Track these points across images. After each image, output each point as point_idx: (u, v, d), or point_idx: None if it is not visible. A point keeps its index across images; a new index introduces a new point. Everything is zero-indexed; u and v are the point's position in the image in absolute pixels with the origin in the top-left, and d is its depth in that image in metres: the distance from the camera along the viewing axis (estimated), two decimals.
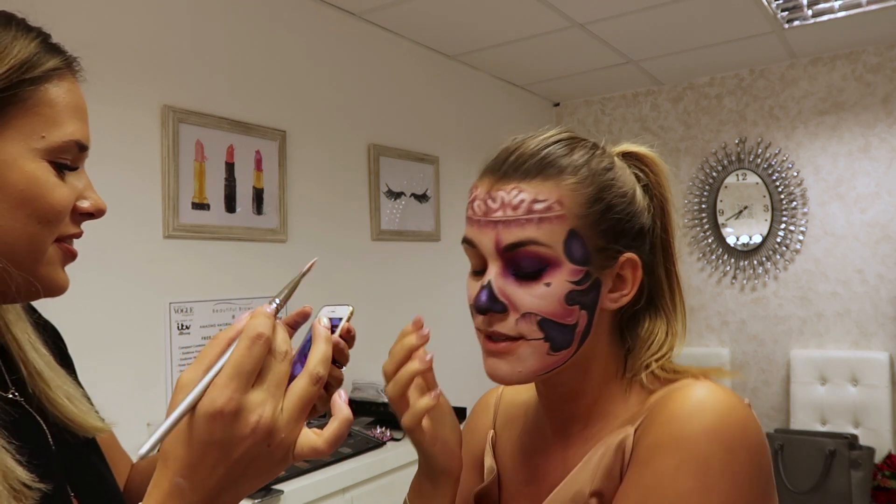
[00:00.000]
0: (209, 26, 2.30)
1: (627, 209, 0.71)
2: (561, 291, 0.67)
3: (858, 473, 2.96)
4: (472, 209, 0.71)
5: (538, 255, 0.66)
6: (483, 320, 0.70)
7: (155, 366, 2.08)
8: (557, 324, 0.67)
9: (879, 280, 3.40)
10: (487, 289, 0.68)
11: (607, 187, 0.70)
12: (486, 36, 3.16)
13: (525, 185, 0.68)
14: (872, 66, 3.44)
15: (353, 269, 2.82)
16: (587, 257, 0.68)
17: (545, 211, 0.67)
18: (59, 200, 0.62)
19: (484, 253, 0.69)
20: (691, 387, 0.66)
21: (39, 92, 0.61)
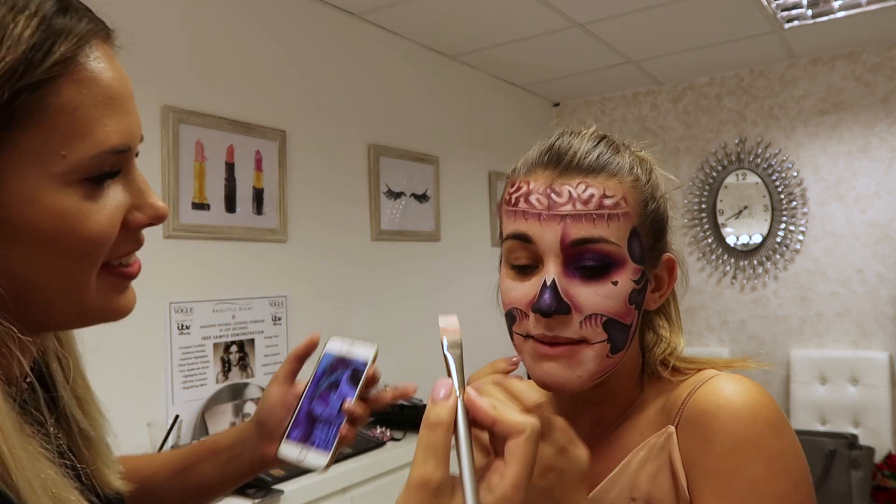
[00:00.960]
0: (209, 26, 2.30)
1: (665, 209, 0.72)
2: (626, 290, 0.65)
3: (858, 473, 2.96)
4: (529, 202, 0.67)
5: (606, 253, 0.64)
6: (543, 324, 0.65)
7: (155, 366, 2.08)
8: (620, 324, 0.66)
9: (879, 280, 3.40)
10: (552, 289, 0.63)
11: (656, 187, 0.71)
12: (486, 36, 3.16)
13: (591, 181, 0.66)
14: (872, 66, 3.44)
15: (353, 270, 2.82)
16: (643, 256, 0.67)
17: (614, 207, 0.65)
18: (97, 231, 0.49)
19: (541, 249, 0.65)
20: (722, 382, 0.66)
21: (47, 98, 0.45)
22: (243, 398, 2.30)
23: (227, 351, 2.30)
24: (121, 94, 0.50)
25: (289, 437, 0.71)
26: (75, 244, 0.48)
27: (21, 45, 0.43)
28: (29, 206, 0.45)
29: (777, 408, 0.64)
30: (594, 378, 0.67)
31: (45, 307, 0.49)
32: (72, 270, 0.49)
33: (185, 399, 2.15)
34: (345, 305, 2.76)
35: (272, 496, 1.81)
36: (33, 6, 0.45)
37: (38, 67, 0.44)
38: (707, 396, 0.65)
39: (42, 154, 0.45)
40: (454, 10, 2.84)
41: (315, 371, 0.74)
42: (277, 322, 2.47)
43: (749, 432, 0.62)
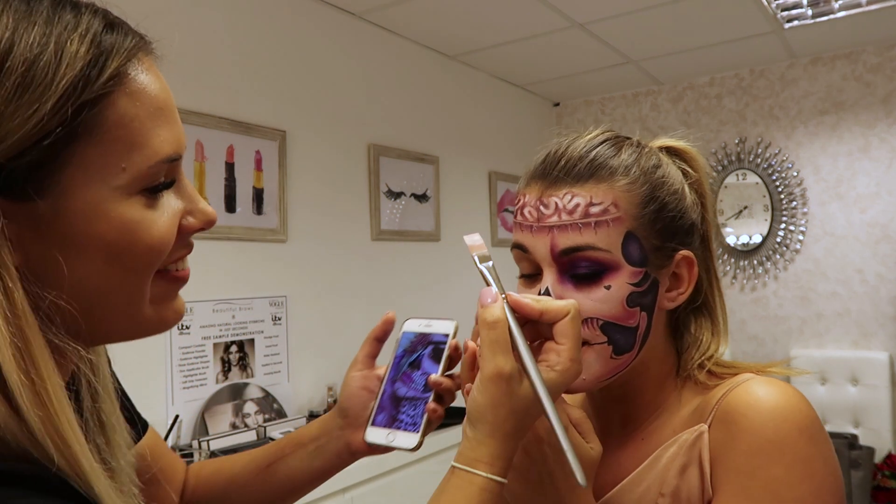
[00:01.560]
0: (209, 26, 2.30)
1: (679, 206, 0.70)
2: (622, 294, 0.66)
3: (858, 473, 2.96)
4: (523, 215, 0.70)
5: (596, 260, 0.66)
6: None
7: (155, 366, 2.08)
8: (620, 326, 0.66)
9: (879, 280, 3.40)
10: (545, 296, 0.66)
11: (659, 185, 0.69)
12: (486, 36, 3.16)
13: (578, 190, 0.67)
14: (872, 66, 3.44)
15: (353, 269, 2.82)
16: (645, 258, 0.67)
17: (602, 214, 0.66)
18: (159, 239, 0.50)
19: (537, 259, 0.68)
20: (756, 384, 0.65)
21: (105, 112, 0.46)
22: (243, 398, 2.30)
23: (227, 351, 2.30)
24: (168, 104, 0.52)
25: (374, 422, 0.70)
26: (140, 253, 0.49)
27: (78, 62, 0.45)
28: (96, 220, 0.47)
29: (812, 413, 0.63)
30: (601, 379, 0.68)
31: (107, 319, 0.51)
32: (133, 280, 0.50)
33: (185, 399, 2.15)
34: (345, 305, 2.76)
35: None
36: (84, 25, 0.47)
37: (95, 83, 0.46)
38: (740, 397, 0.65)
39: (103, 167, 0.47)
40: (454, 10, 2.84)
41: (395, 352, 0.74)
42: (277, 322, 2.47)
43: (776, 434, 0.61)
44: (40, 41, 0.44)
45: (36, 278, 0.46)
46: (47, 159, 0.44)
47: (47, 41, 0.44)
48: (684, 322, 0.75)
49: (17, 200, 0.44)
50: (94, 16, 0.48)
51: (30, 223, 0.45)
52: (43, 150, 0.44)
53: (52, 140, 0.44)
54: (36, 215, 0.45)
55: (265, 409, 2.34)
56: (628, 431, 0.74)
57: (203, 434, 2.11)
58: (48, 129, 0.43)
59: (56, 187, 0.45)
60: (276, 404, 2.38)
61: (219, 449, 1.97)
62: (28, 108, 0.43)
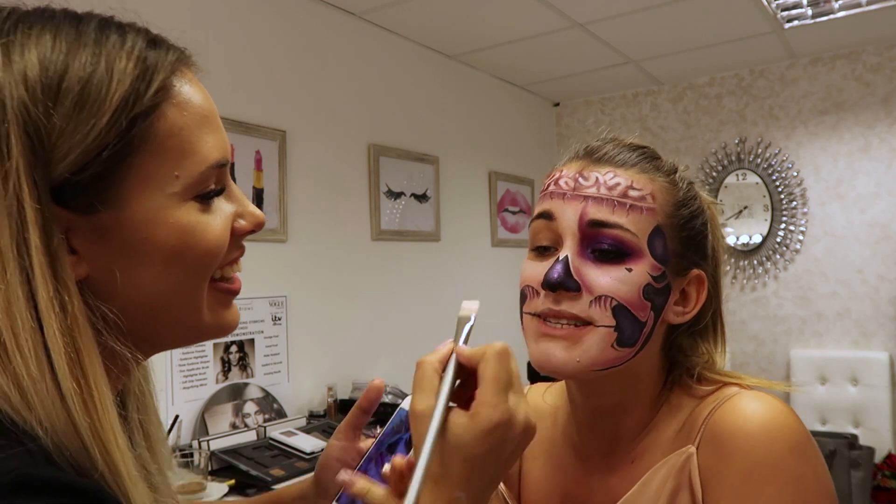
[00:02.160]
0: (209, 26, 2.30)
1: (704, 226, 0.71)
2: (641, 280, 0.64)
3: (858, 473, 2.96)
4: (558, 185, 0.69)
5: (622, 240, 0.64)
6: (549, 298, 0.65)
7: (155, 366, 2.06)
8: (631, 314, 0.64)
9: (879, 280, 3.40)
10: (563, 263, 0.64)
11: (693, 197, 0.71)
12: (486, 36, 3.16)
13: (622, 172, 0.67)
14: (872, 66, 3.44)
15: (353, 269, 2.82)
16: (667, 257, 0.67)
17: (639, 199, 0.66)
18: (215, 241, 0.53)
19: (562, 227, 0.66)
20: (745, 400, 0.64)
21: (156, 123, 0.49)
22: (243, 398, 2.30)
23: (227, 351, 2.30)
24: (212, 112, 0.54)
25: (338, 500, 0.67)
26: (198, 256, 0.52)
27: (127, 79, 0.48)
28: (155, 227, 0.49)
29: (801, 429, 0.62)
30: (595, 367, 0.65)
31: (168, 325, 0.54)
32: (192, 284, 0.53)
33: (185, 399, 2.14)
34: (345, 305, 2.76)
35: None
36: (129, 43, 0.50)
37: (145, 96, 0.48)
38: (727, 416, 0.64)
39: (159, 176, 0.49)
40: (454, 10, 2.84)
41: (384, 429, 0.70)
42: (277, 322, 2.47)
43: (767, 455, 0.60)
44: (91, 61, 0.47)
45: (98, 288, 0.48)
46: (107, 171, 0.47)
47: (98, 61, 0.47)
48: (680, 343, 0.73)
49: (82, 213, 0.47)
50: (138, 34, 0.52)
51: (93, 234, 0.48)
52: (103, 162, 0.46)
53: (111, 152, 0.46)
54: (99, 226, 0.48)
55: (265, 409, 2.34)
56: (617, 451, 0.72)
57: (203, 434, 2.11)
58: (106, 142, 0.46)
59: (117, 198, 0.48)
60: (276, 404, 2.38)
61: (219, 449, 1.97)
62: (87, 124, 0.46)
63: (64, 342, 0.44)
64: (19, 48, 0.46)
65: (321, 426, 2.32)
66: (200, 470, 1.77)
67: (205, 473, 1.79)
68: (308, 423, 2.33)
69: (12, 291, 0.43)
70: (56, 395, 0.43)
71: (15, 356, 0.43)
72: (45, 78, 0.45)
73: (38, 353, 0.43)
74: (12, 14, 0.48)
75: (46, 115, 0.45)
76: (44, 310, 0.44)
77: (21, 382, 0.43)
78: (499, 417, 0.51)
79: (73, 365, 0.44)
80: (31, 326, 0.43)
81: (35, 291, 0.44)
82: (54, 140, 0.45)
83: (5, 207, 0.44)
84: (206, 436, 2.06)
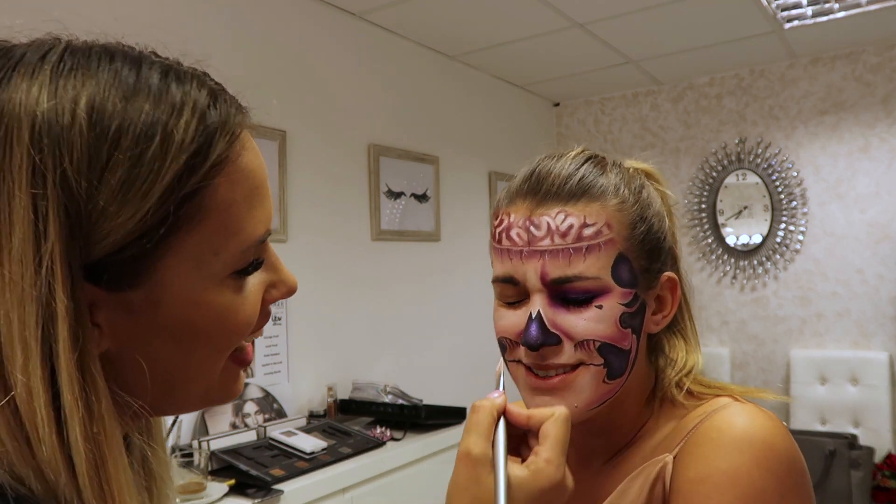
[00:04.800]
0: (208, 26, 2.30)
1: (662, 227, 0.69)
2: (614, 314, 0.63)
3: (858, 473, 2.96)
4: (510, 238, 0.66)
5: (584, 289, 0.63)
6: (534, 355, 0.65)
7: None
8: (616, 348, 0.64)
9: (879, 280, 3.40)
10: (538, 322, 0.63)
11: (647, 206, 0.68)
12: (486, 36, 3.16)
13: (571, 209, 0.64)
14: (872, 66, 3.44)
15: (353, 269, 2.82)
16: (634, 279, 0.65)
17: (594, 237, 0.63)
18: (246, 320, 0.49)
19: (527, 286, 0.65)
20: (731, 412, 0.63)
21: (204, 200, 0.45)
22: (243, 398, 2.30)
23: None
24: (264, 179, 0.50)
25: None
26: (226, 336, 0.48)
27: (184, 154, 0.43)
28: (189, 308, 0.46)
29: (783, 446, 0.60)
30: (591, 407, 0.65)
31: (180, 393, 0.50)
32: (213, 360, 0.49)
33: None
34: (345, 305, 2.76)
35: (272, 496, 1.81)
36: (190, 102, 0.46)
37: (198, 172, 0.44)
38: (710, 426, 0.62)
39: (198, 255, 0.45)
40: (454, 10, 2.84)
41: None
42: (277, 322, 2.47)
43: (730, 463, 0.58)
44: (146, 132, 0.43)
45: (114, 359, 0.45)
46: (144, 253, 0.43)
47: (154, 130, 0.43)
48: (659, 344, 0.73)
49: (112, 290, 0.44)
50: (200, 89, 0.48)
51: (120, 310, 0.45)
52: (141, 245, 0.43)
53: (152, 236, 0.43)
54: (127, 303, 0.44)
55: (265, 409, 2.34)
56: (608, 459, 0.71)
57: (203, 434, 2.11)
58: (150, 225, 0.42)
59: (149, 278, 0.44)
60: (276, 404, 2.38)
61: (219, 449, 1.97)
62: (132, 207, 0.42)
63: (86, 448, 0.41)
64: (68, 106, 0.41)
65: (321, 426, 2.32)
66: (200, 470, 1.77)
67: (205, 473, 1.79)
68: (308, 423, 2.33)
69: (34, 385, 0.40)
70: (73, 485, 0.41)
71: (39, 450, 0.40)
72: (92, 149, 0.41)
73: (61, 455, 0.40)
74: (62, 56, 0.44)
75: (89, 194, 0.41)
76: (68, 409, 0.41)
77: (45, 474, 0.40)
78: (560, 478, 0.54)
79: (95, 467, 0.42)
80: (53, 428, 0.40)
81: (60, 392, 0.41)
82: (94, 221, 0.41)
83: (35, 294, 0.40)
84: (206, 436, 2.06)
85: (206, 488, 1.77)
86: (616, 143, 4.17)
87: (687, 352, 0.72)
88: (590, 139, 4.27)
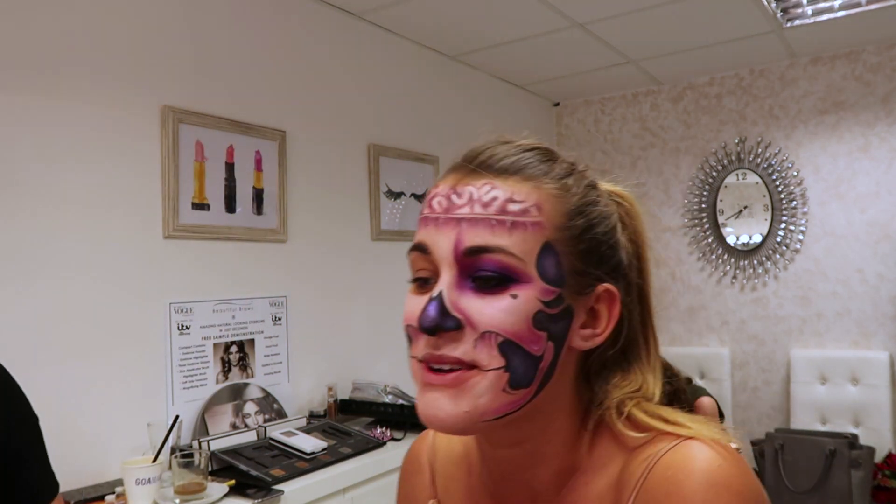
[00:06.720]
0: (209, 26, 2.30)
1: (609, 234, 0.61)
2: (529, 308, 0.54)
3: (859, 473, 2.96)
4: (430, 206, 0.59)
5: (505, 266, 0.54)
6: (429, 342, 0.56)
7: (155, 366, 2.08)
8: (522, 349, 0.54)
9: (879, 280, 3.40)
10: (437, 301, 0.54)
11: (591, 203, 0.60)
12: (486, 36, 3.16)
13: (500, 183, 0.57)
14: (872, 66, 3.44)
15: (353, 269, 2.82)
16: (561, 278, 0.56)
17: (521, 214, 0.55)
18: None
19: (437, 258, 0.57)
20: (684, 456, 0.54)
21: None
22: (243, 398, 2.30)
23: (227, 351, 2.30)
24: None
25: None
26: None
27: None
28: None
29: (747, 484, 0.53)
30: (487, 417, 0.54)
31: None
32: None
33: (185, 399, 2.14)
34: (345, 305, 2.76)
35: (272, 496, 1.81)
36: None
37: None
38: (664, 471, 0.54)
39: None
40: (454, 10, 2.84)
41: None
42: (277, 322, 2.47)
43: None
44: None
45: None
46: None
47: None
48: (599, 371, 0.63)
49: None
50: None
51: None
52: None
53: None
54: None
55: (265, 410, 2.34)
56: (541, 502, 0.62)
57: (203, 434, 2.11)
58: None
59: None
60: (276, 404, 2.38)
61: (219, 449, 1.97)
62: None
63: None
64: None
65: (321, 426, 2.32)
66: (200, 470, 1.77)
67: (205, 474, 1.79)
68: (308, 424, 2.33)
69: None
70: None
71: None
72: None
73: None
74: None
75: None
76: None
77: None
78: None
79: None
80: None
81: None
82: None
83: None
84: (207, 436, 2.06)
85: (206, 488, 1.77)
86: (616, 143, 4.17)
87: (643, 379, 0.63)
88: (590, 139, 4.27)
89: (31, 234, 1.81)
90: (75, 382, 1.87)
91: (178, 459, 1.75)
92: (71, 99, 1.90)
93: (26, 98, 1.81)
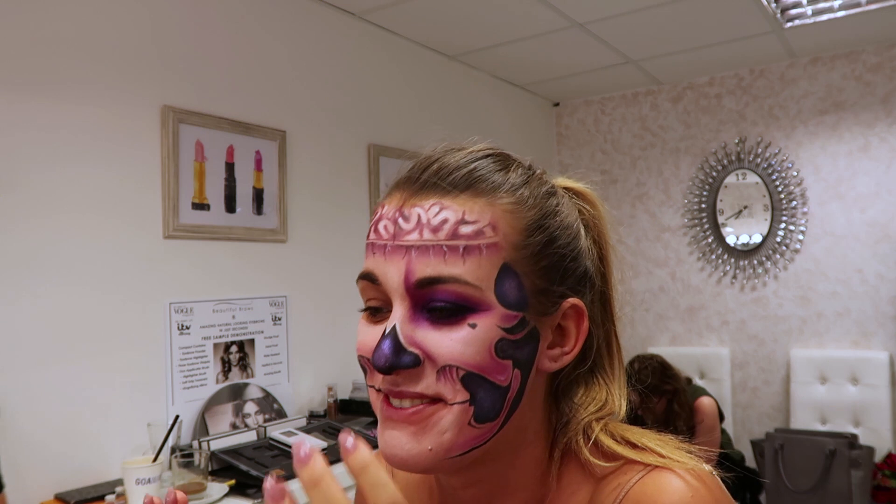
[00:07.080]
0: (209, 26, 2.30)
1: (572, 244, 0.56)
2: (490, 337, 0.50)
3: (858, 473, 2.96)
4: (377, 232, 0.54)
5: (460, 295, 0.50)
6: (389, 379, 0.51)
7: (155, 366, 2.08)
8: (487, 381, 0.50)
9: (879, 280, 3.40)
10: (391, 338, 0.50)
11: (550, 214, 0.55)
12: (486, 36, 3.16)
13: (449, 202, 0.52)
14: (872, 66, 3.44)
15: (353, 270, 2.81)
16: (524, 300, 0.52)
17: (474, 236, 0.51)
18: None
19: (387, 289, 0.52)
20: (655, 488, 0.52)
21: None
22: (243, 398, 2.31)
23: (228, 351, 2.30)
24: None
25: None
26: None
27: None
28: None
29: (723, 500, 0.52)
30: (452, 453, 0.51)
31: None
32: None
33: (186, 399, 2.15)
34: (345, 305, 2.76)
35: None
36: None
37: None
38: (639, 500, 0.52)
39: None
40: (454, 10, 2.84)
41: None
42: (277, 322, 2.47)
43: None
44: None
45: None
46: None
47: None
48: (572, 387, 0.60)
49: None
50: None
51: None
52: None
53: None
54: None
55: (265, 410, 2.34)
56: None
57: (203, 434, 2.11)
58: None
59: None
60: (276, 404, 2.38)
61: (219, 449, 1.97)
62: None
63: None
64: None
65: (321, 426, 2.32)
66: (200, 470, 1.77)
67: (205, 474, 1.79)
68: (308, 424, 2.33)
69: None
70: None
71: None
72: None
73: None
74: None
75: None
76: None
77: None
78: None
79: None
80: None
81: None
82: None
83: None
84: (207, 436, 2.06)
85: (206, 488, 1.77)
86: (616, 142, 4.17)
87: (608, 392, 0.60)
88: (590, 139, 4.27)
89: (32, 233, 1.81)
90: (76, 382, 1.87)
91: (178, 459, 1.76)
92: (71, 99, 1.90)
93: (26, 98, 1.81)
